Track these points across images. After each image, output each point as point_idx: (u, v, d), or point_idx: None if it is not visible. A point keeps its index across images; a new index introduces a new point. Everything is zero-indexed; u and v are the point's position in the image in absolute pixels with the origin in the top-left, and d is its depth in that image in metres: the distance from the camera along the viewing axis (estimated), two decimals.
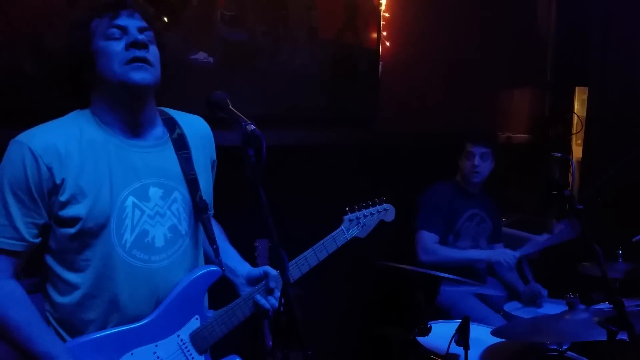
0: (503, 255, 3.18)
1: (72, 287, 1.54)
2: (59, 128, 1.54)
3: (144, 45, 1.52)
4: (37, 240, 1.52)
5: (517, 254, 3.18)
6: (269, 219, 1.37)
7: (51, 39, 1.43)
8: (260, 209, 1.37)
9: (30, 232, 1.49)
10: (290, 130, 3.18)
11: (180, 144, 1.65)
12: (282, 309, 1.68)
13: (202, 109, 1.62)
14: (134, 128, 1.59)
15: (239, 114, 1.47)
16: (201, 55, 2.91)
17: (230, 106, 1.50)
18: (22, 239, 1.49)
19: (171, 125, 1.67)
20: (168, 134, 1.65)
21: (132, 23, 1.54)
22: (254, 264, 3.02)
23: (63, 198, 1.48)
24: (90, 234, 1.51)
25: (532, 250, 3.25)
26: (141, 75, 1.51)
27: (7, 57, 2.20)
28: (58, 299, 1.56)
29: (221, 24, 2.96)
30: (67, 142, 1.50)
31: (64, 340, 1.55)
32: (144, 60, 1.52)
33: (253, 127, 1.41)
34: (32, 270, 1.60)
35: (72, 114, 1.59)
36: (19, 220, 1.47)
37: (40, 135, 1.50)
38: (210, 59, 2.93)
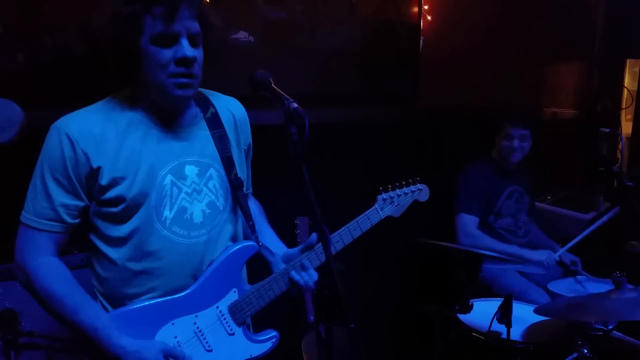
0: (544, 256, 3.10)
1: (114, 263, 1.60)
2: (96, 112, 1.57)
3: (192, 61, 1.52)
4: (76, 221, 1.58)
5: (557, 255, 3.15)
6: (311, 196, 1.39)
7: (100, 21, 1.44)
8: (302, 186, 1.39)
9: (70, 214, 1.56)
10: (330, 108, 3.17)
11: (214, 123, 1.69)
12: (317, 284, 1.73)
13: (242, 89, 1.64)
14: (170, 112, 1.63)
15: (281, 92, 1.48)
16: (242, 35, 2.93)
17: (272, 84, 1.51)
18: (62, 220, 1.55)
19: (205, 105, 1.70)
20: (202, 114, 1.68)
21: (184, 27, 1.50)
22: (294, 241, 3.09)
23: (104, 182, 1.53)
24: (131, 213, 1.57)
25: (572, 244, 3.17)
26: (184, 92, 1.55)
27: (57, 39, 2.26)
28: (103, 273, 1.63)
29: (261, 2, 2.97)
30: (104, 126, 1.54)
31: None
32: (190, 76, 1.54)
33: (296, 105, 1.42)
34: (85, 245, 1.66)
35: (109, 98, 1.61)
36: (59, 202, 1.53)
37: (77, 121, 1.55)
38: (251, 38, 2.95)
